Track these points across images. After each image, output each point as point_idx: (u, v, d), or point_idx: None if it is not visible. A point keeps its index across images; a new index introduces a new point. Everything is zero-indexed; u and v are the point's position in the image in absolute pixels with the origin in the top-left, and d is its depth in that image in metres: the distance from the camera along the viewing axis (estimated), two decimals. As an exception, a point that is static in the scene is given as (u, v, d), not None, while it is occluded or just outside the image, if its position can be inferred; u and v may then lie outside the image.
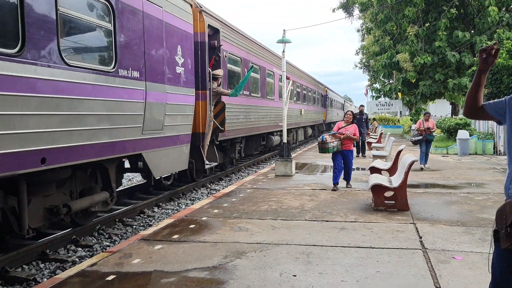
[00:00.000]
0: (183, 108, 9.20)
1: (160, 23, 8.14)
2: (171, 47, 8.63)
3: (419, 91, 27.65)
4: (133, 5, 7.20)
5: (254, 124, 15.39)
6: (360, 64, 55.86)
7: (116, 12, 6.70)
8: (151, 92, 7.76)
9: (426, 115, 13.67)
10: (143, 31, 7.54)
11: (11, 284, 5.29)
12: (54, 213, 6.23)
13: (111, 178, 7.37)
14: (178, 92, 8.91)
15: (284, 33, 12.64)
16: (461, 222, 6.68)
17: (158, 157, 8.30)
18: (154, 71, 7.91)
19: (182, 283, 4.39)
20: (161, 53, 8.21)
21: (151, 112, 7.77)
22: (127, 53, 7.05)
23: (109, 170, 7.31)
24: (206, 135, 10.68)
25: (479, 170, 12.89)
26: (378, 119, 36.62)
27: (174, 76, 8.72)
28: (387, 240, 5.74)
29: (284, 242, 5.74)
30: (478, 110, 2.72)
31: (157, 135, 8.14)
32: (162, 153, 8.46)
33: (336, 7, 41.62)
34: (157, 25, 8.02)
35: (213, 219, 7.09)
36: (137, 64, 7.34)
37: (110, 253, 5.39)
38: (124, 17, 6.94)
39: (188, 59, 9.46)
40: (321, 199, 8.51)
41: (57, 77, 5.46)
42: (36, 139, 5.17)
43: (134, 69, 7.24)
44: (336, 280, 4.42)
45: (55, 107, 5.44)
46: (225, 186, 11.94)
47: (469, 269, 4.67)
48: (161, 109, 8.19)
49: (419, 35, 26.41)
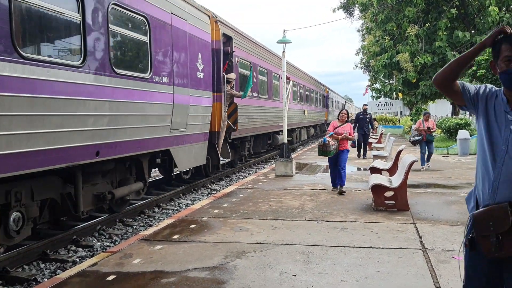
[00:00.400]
0: (203, 109, 10.27)
1: (184, 34, 9.22)
2: (193, 55, 9.68)
3: (420, 91, 27.65)
4: (164, 20, 8.30)
5: (262, 123, 16.39)
6: (361, 64, 55.86)
7: (151, 26, 7.76)
8: (178, 95, 8.79)
9: (426, 115, 13.48)
10: (172, 42, 8.61)
11: (11, 284, 5.30)
12: (101, 199, 7.18)
13: (145, 170, 8.46)
14: (199, 95, 9.99)
15: (284, 34, 12.66)
16: (461, 222, 6.68)
17: (182, 152, 9.33)
18: (180, 76, 8.97)
19: (182, 283, 4.40)
20: (185, 60, 9.26)
21: (177, 113, 8.80)
22: (159, 62, 8.14)
23: (143, 163, 8.36)
24: (220, 134, 11.61)
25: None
26: (379, 119, 36.65)
27: (195, 80, 9.78)
28: (387, 240, 5.75)
29: (284, 242, 5.75)
30: (452, 82, 2.46)
31: (181, 133, 9.21)
32: (186, 149, 9.49)
33: (337, 7, 41.66)
34: (182, 36, 9.10)
35: (214, 219, 7.10)
36: (167, 71, 8.44)
37: (111, 253, 5.40)
38: (157, 30, 8.01)
39: (207, 65, 10.50)
40: (321, 199, 8.52)
41: (109, 84, 6.63)
42: (93, 135, 6.28)
43: (164, 76, 8.31)
44: (336, 280, 4.43)
45: (107, 108, 6.57)
46: (225, 187, 11.95)
47: (469, 269, 4.67)
48: (185, 110, 9.21)
49: (420, 35, 26.41)
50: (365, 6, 29.66)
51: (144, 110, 7.59)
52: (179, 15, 8.96)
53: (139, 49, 7.63)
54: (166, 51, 8.43)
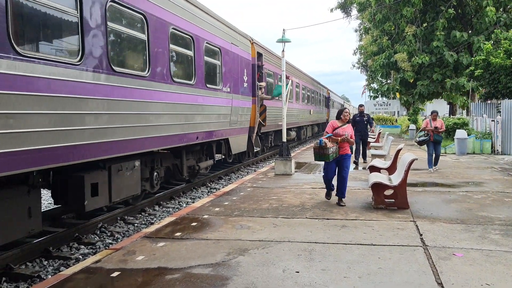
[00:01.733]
0: (247, 110, 14.02)
1: (237, 57, 13.05)
2: (242, 70, 13.47)
3: (417, 91, 27.77)
4: (228, 48, 12.16)
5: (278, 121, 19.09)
6: (358, 64, 56.01)
7: (222, 54, 11.63)
8: (234, 100, 12.54)
9: (434, 114, 12.58)
10: (231, 63, 12.41)
11: (15, 280, 5.33)
12: (191, 169, 10.93)
13: (214, 152, 12.21)
14: (245, 99, 13.73)
15: (284, 33, 12.69)
16: (460, 220, 6.75)
17: (235, 141, 13.10)
18: (235, 86, 12.72)
19: (187, 279, 4.44)
20: (238, 74, 13.02)
21: (233, 113, 12.51)
22: (225, 77, 11.86)
23: (213, 147, 12.04)
24: (254, 129, 15.03)
25: (477, 169, 12.97)
26: (376, 119, 36.75)
27: (243, 89, 13.53)
28: (388, 238, 5.80)
29: (286, 239, 5.79)
30: None
31: (235, 127, 12.92)
32: (237, 138, 13.28)
33: (334, 7, 41.73)
34: (236, 58, 12.91)
35: (215, 217, 7.14)
36: (229, 83, 12.15)
37: (114, 250, 5.43)
38: (224, 56, 11.83)
39: (249, 77, 14.37)
40: (321, 198, 8.56)
41: (204, 94, 10.31)
42: (196, 127, 9.98)
43: (228, 86, 12.05)
44: (339, 276, 4.47)
45: (202, 109, 10.22)
46: (225, 185, 11.99)
47: (469, 265, 4.73)
48: (237, 111, 12.92)
49: (417, 35, 26.52)
50: (363, 6, 29.76)
51: (219, 111, 11.39)
52: (235, 44, 12.83)
53: (216, 70, 11.40)
54: (229, 70, 12.20)
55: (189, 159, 10.68)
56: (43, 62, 5.34)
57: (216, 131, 11.34)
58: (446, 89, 26.94)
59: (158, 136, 8.16)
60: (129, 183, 7.76)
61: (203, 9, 10.51)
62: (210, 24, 10.91)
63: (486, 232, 6.02)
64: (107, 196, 7.14)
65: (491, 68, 19.09)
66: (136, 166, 8.02)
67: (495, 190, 9.30)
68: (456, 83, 25.31)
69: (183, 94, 9.14)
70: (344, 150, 7.89)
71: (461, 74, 25.88)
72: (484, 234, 5.92)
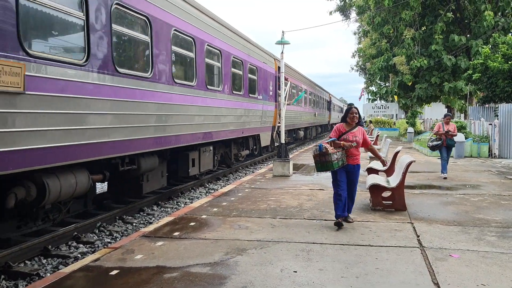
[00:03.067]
0: (271, 112, 17.94)
1: (266, 72, 17.21)
2: (268, 82, 17.60)
3: (415, 94, 27.87)
4: (260, 66, 16.24)
5: (293, 122, 23.79)
6: (357, 67, 56.09)
7: (258, 71, 15.71)
8: (264, 105, 16.63)
9: (447, 117, 12.03)
10: (262, 77, 16.52)
11: (14, 278, 5.35)
12: (235, 156, 14.86)
13: (250, 144, 16.13)
14: (270, 105, 17.75)
15: (283, 35, 12.75)
16: (457, 222, 6.79)
17: (263, 136, 17.28)
18: (265, 95, 16.88)
19: (185, 278, 4.47)
20: (266, 85, 17.12)
21: (263, 115, 16.65)
22: (259, 88, 15.97)
23: (249, 140, 15.93)
24: (275, 128, 18.79)
25: (474, 172, 13.02)
26: (374, 122, 36.82)
27: (269, 96, 17.58)
28: (385, 239, 5.84)
29: (284, 239, 5.83)
30: None
31: (263, 126, 16.96)
32: (265, 134, 17.42)
33: (333, 9, 41.81)
34: (265, 73, 17.05)
35: (213, 217, 7.17)
36: (261, 93, 16.24)
37: (113, 249, 5.46)
38: (259, 73, 15.99)
39: (273, 87, 18.49)
40: (319, 199, 8.60)
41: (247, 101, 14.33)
42: (244, 124, 14.01)
43: (261, 94, 16.17)
44: (336, 276, 4.51)
45: (245, 112, 13.96)
46: (223, 186, 12.02)
47: (465, 266, 4.78)
48: (266, 113, 17.04)
49: (416, 38, 26.63)
50: (362, 9, 29.86)
51: (255, 113, 15.44)
52: (265, 62, 17.15)
53: (254, 84, 15.37)
54: (262, 83, 16.44)
55: (234, 148, 14.71)
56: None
57: (254, 128, 15.48)
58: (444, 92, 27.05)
59: (224, 130, 12.17)
60: (208, 161, 11.84)
61: (251, 41, 15.24)
62: (252, 51, 15.28)
63: (483, 234, 6.07)
64: (198, 167, 11.13)
65: (489, 72, 19.17)
66: (211, 150, 12.05)
67: (492, 193, 9.35)
68: (454, 86, 25.40)
69: (237, 101, 13.21)
70: (354, 160, 6.51)
71: (459, 78, 25.98)
72: (481, 236, 5.97)
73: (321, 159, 6.30)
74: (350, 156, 6.48)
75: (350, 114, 6.59)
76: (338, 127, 6.67)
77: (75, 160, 6.04)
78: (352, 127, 6.60)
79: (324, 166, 6.31)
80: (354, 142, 6.46)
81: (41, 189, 5.77)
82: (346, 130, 6.58)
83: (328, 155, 6.22)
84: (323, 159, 6.28)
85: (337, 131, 6.63)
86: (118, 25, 7.03)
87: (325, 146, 6.28)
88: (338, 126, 6.70)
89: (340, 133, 6.59)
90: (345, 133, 6.54)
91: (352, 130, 6.57)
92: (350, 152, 6.47)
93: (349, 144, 6.41)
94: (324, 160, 6.28)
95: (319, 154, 6.31)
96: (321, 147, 6.27)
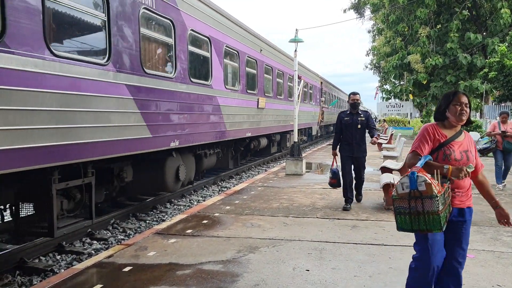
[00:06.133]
0: (316, 113, 26.17)
1: (315, 87, 26.51)
2: (315, 92, 26.45)
3: (430, 92, 27.56)
4: (313, 83, 25.85)
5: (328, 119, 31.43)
6: (371, 65, 55.70)
7: (312, 87, 25.61)
8: (313, 108, 25.49)
9: (503, 115, 9.65)
10: (314, 90, 26.19)
11: (29, 274, 5.42)
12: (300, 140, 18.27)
13: (306, 132, 24.68)
14: (316, 107, 26.54)
15: (297, 33, 12.71)
16: (472, 221, 6.66)
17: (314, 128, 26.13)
18: (315, 101, 26.19)
19: (197, 275, 4.48)
20: (314, 94, 26.20)
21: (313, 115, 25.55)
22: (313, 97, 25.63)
23: (306, 130, 24.31)
24: (318, 122, 26.51)
25: (489, 172, 12.83)
26: (389, 121, 36.56)
27: (316, 102, 26.46)
28: (399, 238, 5.78)
29: (297, 238, 5.81)
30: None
31: (311, 121, 24.86)
32: (314, 126, 26.10)
33: (347, 7, 41.57)
34: (315, 87, 26.58)
35: (225, 215, 7.18)
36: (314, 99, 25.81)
37: (126, 246, 5.50)
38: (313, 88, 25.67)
39: (319, 95, 27.70)
40: (332, 198, 8.56)
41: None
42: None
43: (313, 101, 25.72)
44: (349, 275, 4.48)
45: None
46: (235, 184, 12.03)
47: (481, 266, 4.71)
48: (316, 113, 26.36)
49: (431, 36, 26.32)
50: (376, 6, 29.61)
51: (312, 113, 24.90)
52: (315, 80, 26.50)
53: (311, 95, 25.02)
54: (314, 94, 26.03)
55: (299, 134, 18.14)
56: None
57: (310, 123, 24.11)
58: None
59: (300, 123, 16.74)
60: (283, 144, 19.08)
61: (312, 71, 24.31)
62: (310, 77, 24.13)
63: (498, 234, 5.98)
64: (276, 148, 18.60)
65: (506, 71, 18.91)
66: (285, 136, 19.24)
67: (507, 192, 9.21)
68: (470, 85, 25.07)
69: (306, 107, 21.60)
70: (464, 200, 3.44)
71: (475, 76, 25.65)
72: (496, 236, 5.88)
73: (416, 207, 2.96)
74: (458, 192, 3.31)
75: (460, 104, 3.24)
76: (428, 130, 3.29)
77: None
78: (458, 133, 3.32)
79: (422, 222, 2.98)
80: (470, 163, 3.24)
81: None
82: (447, 138, 3.27)
83: (433, 198, 2.90)
84: (419, 206, 2.95)
85: (430, 136, 3.27)
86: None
87: (425, 176, 2.95)
88: (428, 129, 3.31)
89: (436, 141, 3.27)
90: (446, 143, 3.25)
91: (458, 138, 3.31)
92: (456, 183, 3.24)
93: (464, 170, 3.03)
94: (421, 210, 2.95)
95: (409, 193, 2.96)
96: (415, 176, 2.94)
